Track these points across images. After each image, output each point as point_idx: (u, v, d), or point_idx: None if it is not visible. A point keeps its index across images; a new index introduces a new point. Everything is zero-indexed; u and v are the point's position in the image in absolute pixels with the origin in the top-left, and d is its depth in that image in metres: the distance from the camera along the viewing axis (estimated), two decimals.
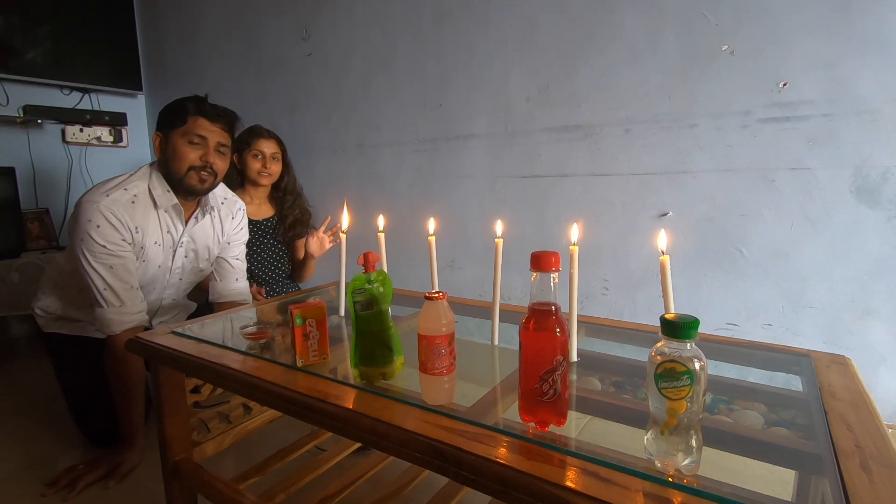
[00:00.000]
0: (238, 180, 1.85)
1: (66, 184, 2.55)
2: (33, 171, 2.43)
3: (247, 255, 1.73)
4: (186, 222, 1.38)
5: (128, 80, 2.72)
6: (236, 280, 1.52)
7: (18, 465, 1.30)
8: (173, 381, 0.98)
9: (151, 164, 1.34)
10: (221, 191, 1.47)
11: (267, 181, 1.83)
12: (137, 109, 2.82)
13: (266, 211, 1.89)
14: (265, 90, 2.29)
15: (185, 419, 1.00)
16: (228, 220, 1.48)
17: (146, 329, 1.32)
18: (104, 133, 2.63)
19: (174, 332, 0.97)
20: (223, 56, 2.44)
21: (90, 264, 1.20)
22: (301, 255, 1.93)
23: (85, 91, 2.60)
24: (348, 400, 0.67)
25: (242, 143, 1.82)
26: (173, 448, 0.98)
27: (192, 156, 1.27)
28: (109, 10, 2.63)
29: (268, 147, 1.80)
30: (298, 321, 0.78)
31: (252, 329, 0.94)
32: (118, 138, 2.68)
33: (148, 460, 1.29)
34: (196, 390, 1.06)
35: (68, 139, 2.52)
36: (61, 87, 2.52)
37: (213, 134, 1.29)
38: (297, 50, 2.14)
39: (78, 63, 2.50)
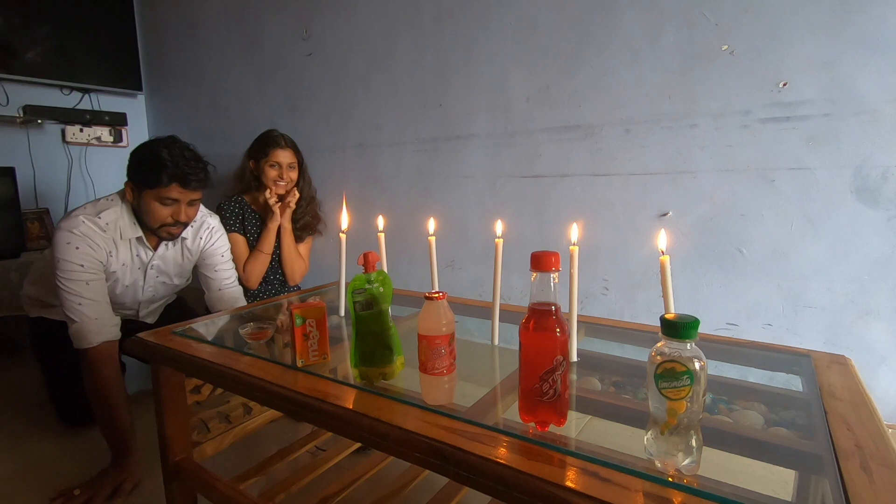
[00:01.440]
0: (255, 186, 1.86)
1: (66, 184, 2.55)
2: (33, 171, 2.43)
3: None
4: (156, 248, 1.43)
5: (128, 80, 2.71)
6: (219, 290, 1.56)
7: (19, 467, 1.30)
8: (173, 381, 0.98)
9: (122, 195, 1.37)
10: None
11: (283, 190, 1.85)
12: (137, 109, 2.82)
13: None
14: (265, 90, 2.29)
15: (185, 419, 1.00)
16: (198, 241, 1.52)
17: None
18: (104, 133, 2.63)
19: (174, 333, 0.97)
20: (223, 56, 2.43)
21: (66, 283, 1.25)
22: (291, 253, 1.92)
23: (85, 91, 2.60)
24: (348, 400, 0.67)
25: (259, 151, 1.83)
26: (173, 448, 0.98)
27: (163, 213, 1.32)
28: (109, 10, 2.63)
29: (284, 157, 1.82)
30: (298, 321, 0.78)
31: (252, 329, 0.94)
32: (118, 138, 2.68)
33: (148, 460, 1.29)
34: (196, 390, 1.06)
35: (68, 139, 2.52)
36: (61, 87, 2.52)
37: (186, 195, 1.32)
38: (296, 50, 2.14)
39: (78, 63, 2.50)
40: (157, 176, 1.26)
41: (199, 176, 1.32)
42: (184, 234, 1.47)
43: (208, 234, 1.53)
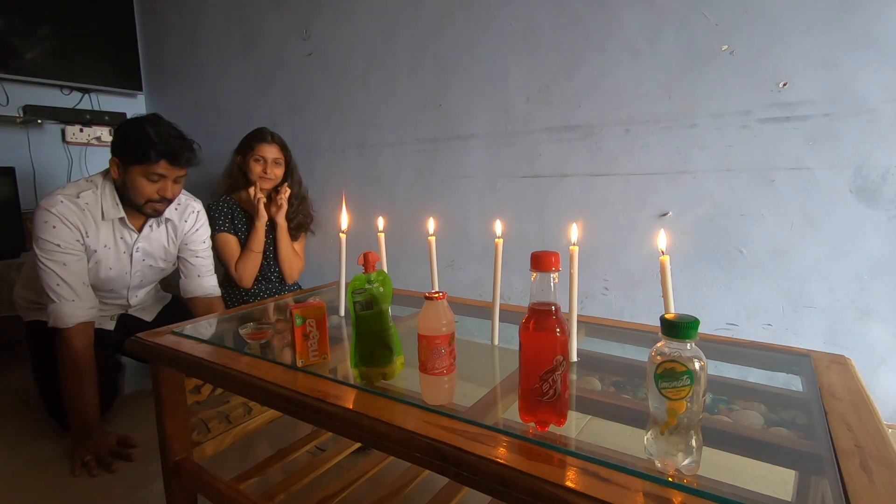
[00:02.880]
0: (242, 182, 1.86)
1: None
2: (33, 171, 2.43)
3: None
4: (140, 230, 1.44)
5: (128, 80, 2.71)
6: (198, 276, 1.58)
7: (17, 468, 1.30)
8: (173, 381, 0.98)
9: (105, 174, 1.38)
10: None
11: (268, 185, 1.85)
12: (137, 109, 2.82)
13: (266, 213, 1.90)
14: (265, 90, 2.29)
15: (185, 419, 1.00)
16: (182, 224, 1.53)
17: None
18: (104, 133, 2.63)
19: (174, 332, 0.97)
20: (223, 56, 2.43)
21: (43, 262, 1.28)
22: (288, 251, 1.92)
23: (85, 91, 2.60)
24: (348, 400, 0.67)
25: (246, 146, 1.84)
26: (173, 448, 0.98)
27: (149, 190, 1.33)
28: (109, 10, 2.63)
29: (269, 152, 1.83)
30: (298, 321, 0.78)
31: (252, 329, 0.94)
32: None
33: (147, 460, 1.29)
34: (196, 390, 1.06)
35: (68, 139, 2.52)
36: (61, 87, 2.52)
37: (173, 171, 1.34)
38: (296, 50, 2.14)
39: (78, 63, 2.50)
40: (146, 152, 1.28)
41: (187, 154, 1.34)
42: (169, 216, 1.48)
43: (194, 218, 1.55)
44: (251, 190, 1.81)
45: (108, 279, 1.43)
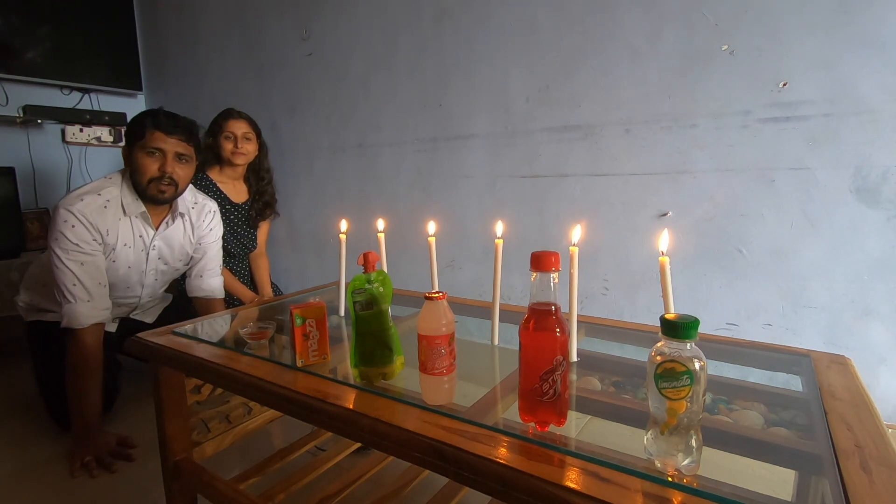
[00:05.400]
0: (214, 162, 1.88)
1: (66, 184, 2.55)
2: (33, 171, 2.43)
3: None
4: (158, 227, 1.45)
5: (128, 80, 2.71)
6: (202, 276, 1.58)
7: (16, 468, 1.30)
8: (173, 381, 0.98)
9: (123, 172, 1.41)
10: (191, 195, 1.53)
11: (241, 160, 1.87)
12: (137, 109, 2.81)
13: (242, 194, 1.95)
14: (265, 90, 2.29)
15: (185, 419, 1.00)
16: (200, 223, 1.54)
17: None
18: (104, 133, 2.63)
19: (174, 332, 0.97)
20: (223, 56, 2.43)
21: (62, 261, 1.28)
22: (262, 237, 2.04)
23: (85, 91, 2.60)
24: (348, 400, 0.67)
25: (216, 126, 1.87)
26: (173, 448, 0.98)
27: (151, 167, 1.33)
28: (109, 11, 2.63)
29: (238, 127, 1.85)
30: (298, 321, 0.78)
31: (252, 329, 0.94)
32: (118, 138, 2.68)
33: (147, 460, 1.29)
34: (196, 390, 1.06)
35: (68, 139, 2.52)
36: (61, 87, 2.52)
37: (171, 145, 1.34)
38: (297, 50, 2.13)
39: (78, 63, 2.50)
40: (141, 125, 1.32)
41: (180, 124, 1.35)
42: (185, 211, 1.49)
43: (210, 218, 1.57)
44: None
45: (127, 276, 1.44)
